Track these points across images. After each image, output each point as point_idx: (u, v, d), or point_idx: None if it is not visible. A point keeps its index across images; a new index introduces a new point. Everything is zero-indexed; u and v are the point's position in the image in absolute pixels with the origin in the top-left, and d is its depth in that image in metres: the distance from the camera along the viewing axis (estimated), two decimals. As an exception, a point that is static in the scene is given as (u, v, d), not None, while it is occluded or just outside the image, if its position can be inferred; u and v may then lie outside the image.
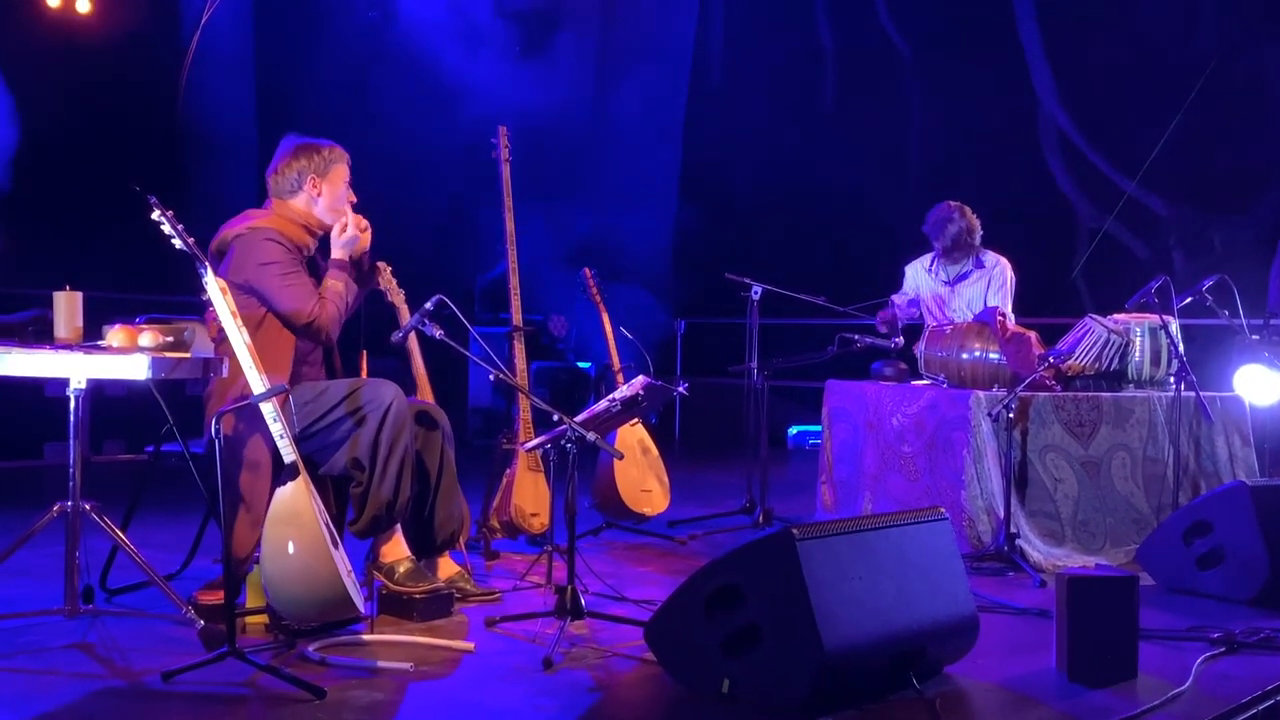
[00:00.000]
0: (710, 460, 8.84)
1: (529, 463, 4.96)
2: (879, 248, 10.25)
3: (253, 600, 3.74)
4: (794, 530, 3.03)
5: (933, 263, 5.98)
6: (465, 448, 5.83)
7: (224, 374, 3.73)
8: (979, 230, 5.86)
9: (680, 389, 4.46)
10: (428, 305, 4.00)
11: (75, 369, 3.54)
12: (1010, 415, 4.73)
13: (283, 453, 3.41)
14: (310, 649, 3.43)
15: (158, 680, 3.15)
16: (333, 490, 4.03)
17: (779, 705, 2.99)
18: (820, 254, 10.75)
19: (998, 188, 6.02)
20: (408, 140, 9.89)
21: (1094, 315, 5.40)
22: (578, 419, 3.80)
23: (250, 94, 10.13)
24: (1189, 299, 5.37)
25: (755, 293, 5.96)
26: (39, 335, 3.79)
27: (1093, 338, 5.28)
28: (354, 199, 4.13)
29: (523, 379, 4.99)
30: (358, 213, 4.13)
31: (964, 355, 5.25)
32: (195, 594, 3.82)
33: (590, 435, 3.71)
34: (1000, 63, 11.10)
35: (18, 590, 4.07)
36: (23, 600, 3.92)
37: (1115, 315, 5.43)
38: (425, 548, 4.13)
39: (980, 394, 5.00)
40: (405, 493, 3.86)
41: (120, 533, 3.73)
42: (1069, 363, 5.26)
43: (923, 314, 5.97)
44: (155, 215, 3.40)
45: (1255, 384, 5.63)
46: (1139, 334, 5.36)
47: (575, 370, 10.24)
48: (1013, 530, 4.74)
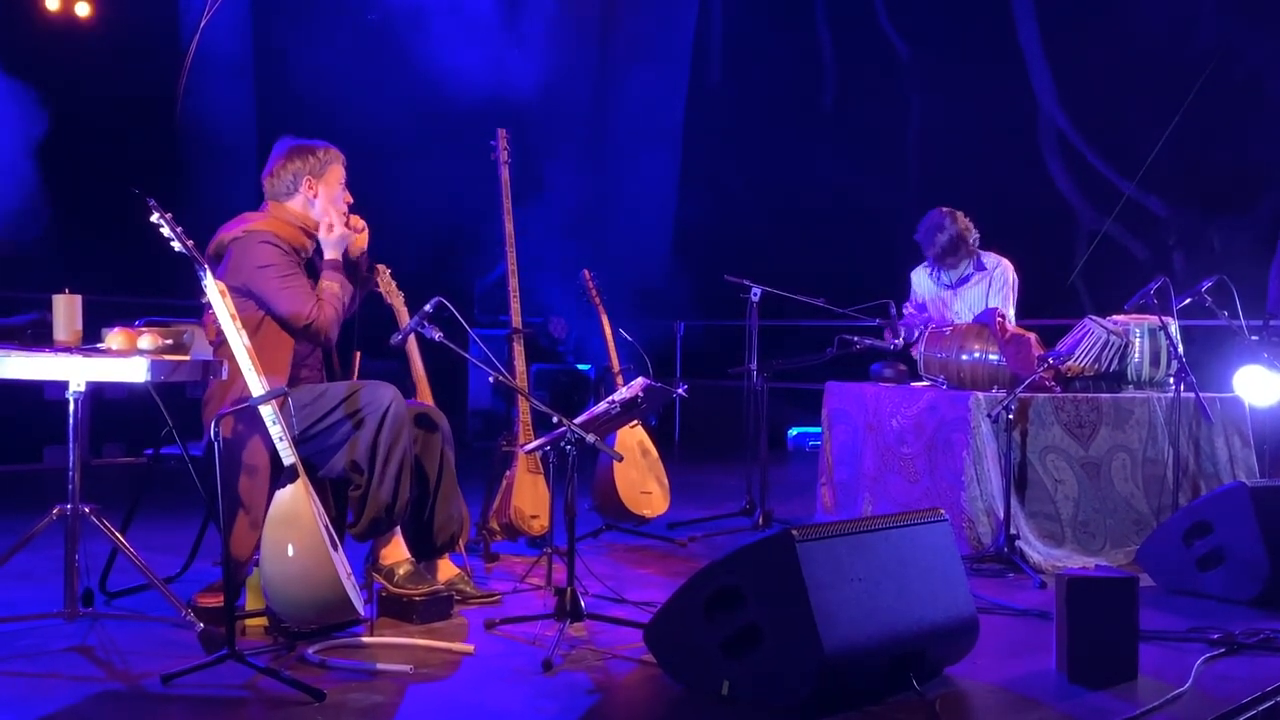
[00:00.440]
0: (710, 462, 8.84)
1: (529, 465, 4.96)
2: (878, 249, 10.26)
3: (252, 603, 3.74)
4: (794, 532, 3.03)
5: (932, 268, 5.97)
6: (465, 450, 5.83)
7: (223, 376, 3.73)
8: (973, 233, 5.82)
9: (680, 391, 4.46)
10: (427, 307, 4.00)
11: (74, 372, 3.54)
12: (1010, 416, 4.73)
13: (282, 455, 3.41)
14: (310, 651, 3.43)
15: (157, 683, 3.15)
16: (332, 492, 4.03)
17: (779, 707, 2.99)
18: (819, 255, 10.75)
19: (997, 189, 6.01)
20: (407, 142, 9.89)
21: (1093, 316, 5.40)
22: (577, 421, 3.80)
23: (249, 97, 10.14)
24: (1188, 300, 5.37)
25: (754, 294, 5.95)
26: (38, 338, 3.78)
27: (1092, 339, 5.28)
28: (350, 200, 4.13)
29: (522, 381, 4.99)
30: (354, 213, 4.13)
31: (963, 357, 5.25)
32: (195, 597, 3.82)
33: (590, 437, 3.71)
34: (999, 64, 11.10)
35: (17, 593, 4.07)
36: (22, 603, 3.92)
37: (1115, 316, 5.43)
38: (425, 550, 4.13)
39: (980, 395, 5.00)
40: (404, 495, 3.86)
41: (120, 535, 3.73)
42: (1068, 364, 5.26)
43: (928, 317, 5.96)
44: (154, 218, 3.40)
45: (1255, 385, 5.62)
46: (1138, 335, 5.36)
47: (575, 372, 10.25)
48: (1012, 531, 4.74)
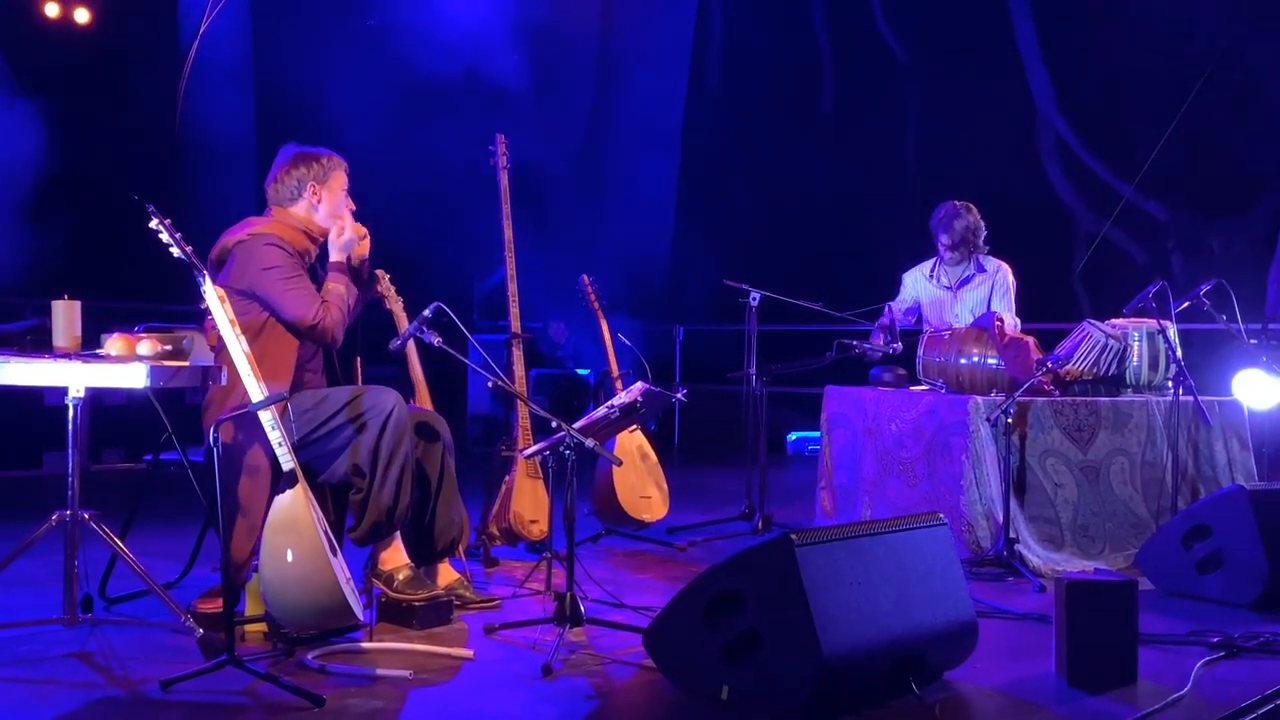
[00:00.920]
0: (709, 466, 8.84)
1: (528, 469, 4.97)
2: (877, 253, 10.27)
3: (252, 608, 3.73)
4: (793, 536, 3.03)
5: (934, 268, 5.96)
6: (464, 455, 5.82)
7: (223, 382, 3.73)
8: (984, 231, 5.84)
9: (679, 395, 4.47)
10: (426, 312, 4.00)
11: (74, 378, 3.54)
12: (1009, 420, 4.73)
13: (281, 461, 3.41)
14: (309, 657, 3.43)
15: (157, 689, 3.15)
16: (331, 497, 4.04)
17: (779, 711, 2.99)
18: (818, 260, 10.76)
19: (995, 192, 6.01)
20: (406, 148, 9.90)
21: (1092, 320, 5.40)
22: (577, 426, 3.80)
23: (249, 103, 10.15)
24: (1187, 304, 5.37)
25: (753, 299, 5.96)
26: (37, 344, 3.79)
27: (1091, 342, 5.29)
28: (353, 206, 4.15)
29: (521, 386, 4.99)
30: (356, 220, 4.15)
31: (962, 360, 5.25)
32: (194, 602, 3.82)
33: (589, 442, 3.71)
34: (997, 68, 11.12)
35: (17, 599, 4.07)
36: (22, 609, 3.92)
37: (1113, 320, 5.43)
38: (425, 555, 4.13)
39: (979, 399, 5.00)
40: (405, 500, 3.87)
41: (119, 541, 3.73)
42: (1067, 368, 5.26)
43: (922, 321, 5.95)
44: (154, 224, 3.41)
45: (1253, 388, 5.62)
46: (1137, 339, 5.36)
47: (574, 377, 10.25)
48: (1012, 535, 4.74)
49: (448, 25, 10.54)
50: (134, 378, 3.49)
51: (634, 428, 5.45)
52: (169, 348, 3.67)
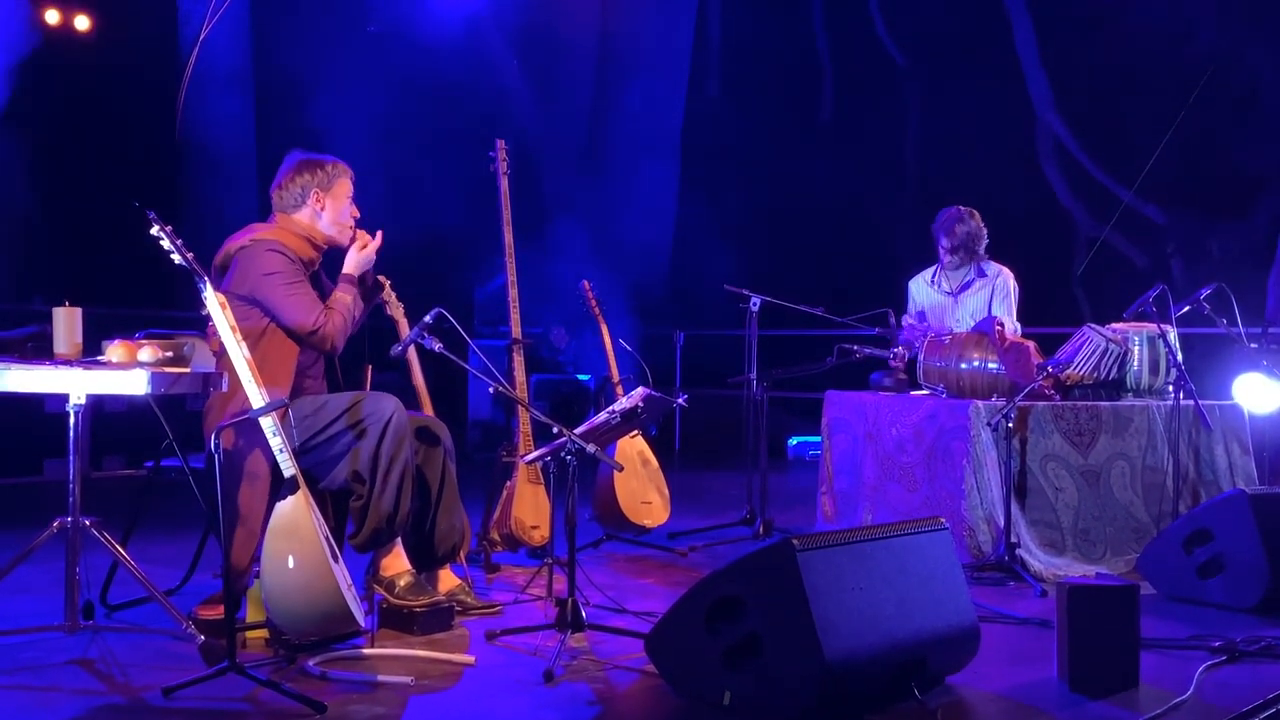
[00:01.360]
0: (710, 472, 8.83)
1: (529, 475, 4.96)
2: (877, 258, 10.27)
3: (253, 615, 3.74)
4: (794, 541, 3.03)
5: (935, 274, 5.96)
6: (465, 461, 5.83)
7: (223, 388, 3.73)
8: (985, 238, 5.84)
9: (680, 400, 4.47)
10: (427, 318, 4.01)
11: (75, 384, 3.55)
12: (1009, 425, 4.73)
13: (282, 467, 3.42)
14: (311, 663, 3.43)
15: (158, 696, 3.15)
16: (331, 504, 4.04)
17: (781, 716, 2.99)
18: (818, 265, 10.77)
19: (995, 197, 6.01)
20: (406, 153, 9.91)
21: (1092, 324, 5.41)
22: (577, 431, 3.80)
23: (249, 109, 10.15)
24: (1187, 308, 5.36)
25: (754, 304, 5.96)
26: (38, 351, 3.79)
27: (1091, 347, 5.29)
28: (356, 214, 4.15)
29: (522, 391, 4.99)
30: (360, 228, 4.16)
31: (963, 365, 5.25)
32: (195, 609, 3.82)
33: (590, 447, 3.71)
34: (996, 72, 11.13)
35: (18, 606, 4.07)
36: (23, 616, 3.92)
37: (1113, 324, 5.43)
38: (426, 561, 4.13)
39: (979, 404, 5.00)
40: (405, 506, 3.87)
41: (120, 548, 3.72)
42: (1068, 372, 5.27)
43: (928, 327, 5.94)
44: (154, 230, 3.41)
45: (1254, 392, 5.62)
46: (1137, 343, 5.36)
47: (575, 382, 10.24)
48: (1013, 540, 4.74)
49: (447, 31, 10.56)
50: (135, 384, 3.49)
51: (635, 433, 5.45)
52: (170, 354, 3.67)
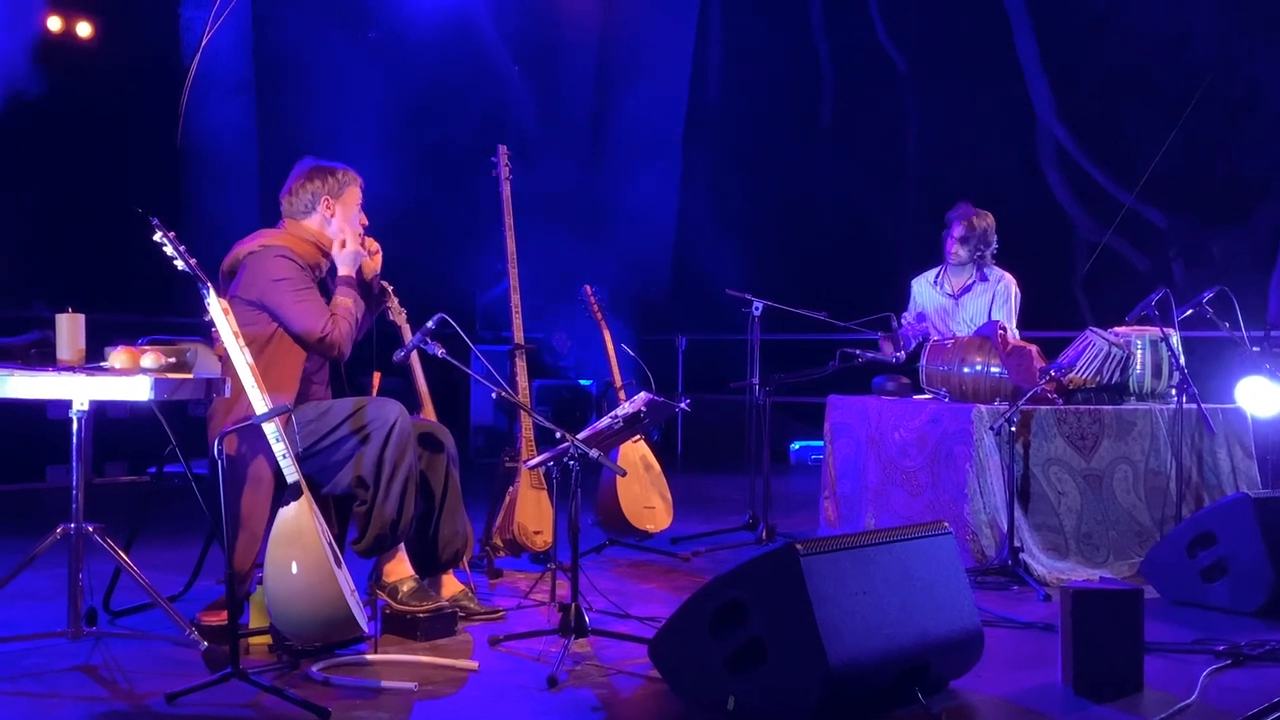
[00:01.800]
0: (713, 476, 8.83)
1: (532, 480, 4.96)
2: (878, 262, 10.28)
3: (256, 621, 3.73)
4: (797, 546, 3.03)
5: (939, 275, 5.95)
6: (468, 466, 5.83)
7: (226, 394, 3.74)
8: (995, 241, 5.82)
9: (682, 405, 4.46)
10: (429, 324, 4.01)
11: (78, 391, 3.55)
12: (1012, 429, 4.73)
13: (285, 472, 3.42)
14: (314, 669, 3.43)
15: (161, 702, 3.15)
16: (334, 509, 4.04)
17: (784, 722, 2.99)
18: (820, 269, 10.77)
19: (996, 201, 5.99)
20: (408, 159, 9.91)
21: (1094, 328, 5.40)
22: (580, 436, 3.80)
23: (251, 115, 10.17)
24: (1189, 311, 5.36)
25: (756, 309, 5.96)
26: (41, 357, 3.79)
27: (1094, 351, 5.29)
28: (365, 222, 4.16)
29: (525, 397, 4.99)
30: (369, 235, 4.17)
31: (965, 369, 5.25)
32: (198, 615, 3.82)
33: (593, 452, 3.71)
34: (997, 76, 11.14)
35: (21, 613, 4.07)
36: (26, 623, 3.92)
37: (1116, 328, 5.43)
38: (429, 566, 4.13)
39: (982, 408, 5.00)
40: (409, 511, 3.86)
41: (123, 554, 3.73)
42: (1070, 376, 5.26)
43: (929, 328, 5.94)
44: (157, 237, 3.41)
45: (1257, 396, 5.62)
46: (1140, 347, 5.36)
47: (577, 388, 10.24)
48: (1016, 544, 4.74)
49: (448, 37, 10.57)
50: (138, 390, 3.50)
51: (637, 438, 5.44)
52: (173, 360, 3.67)
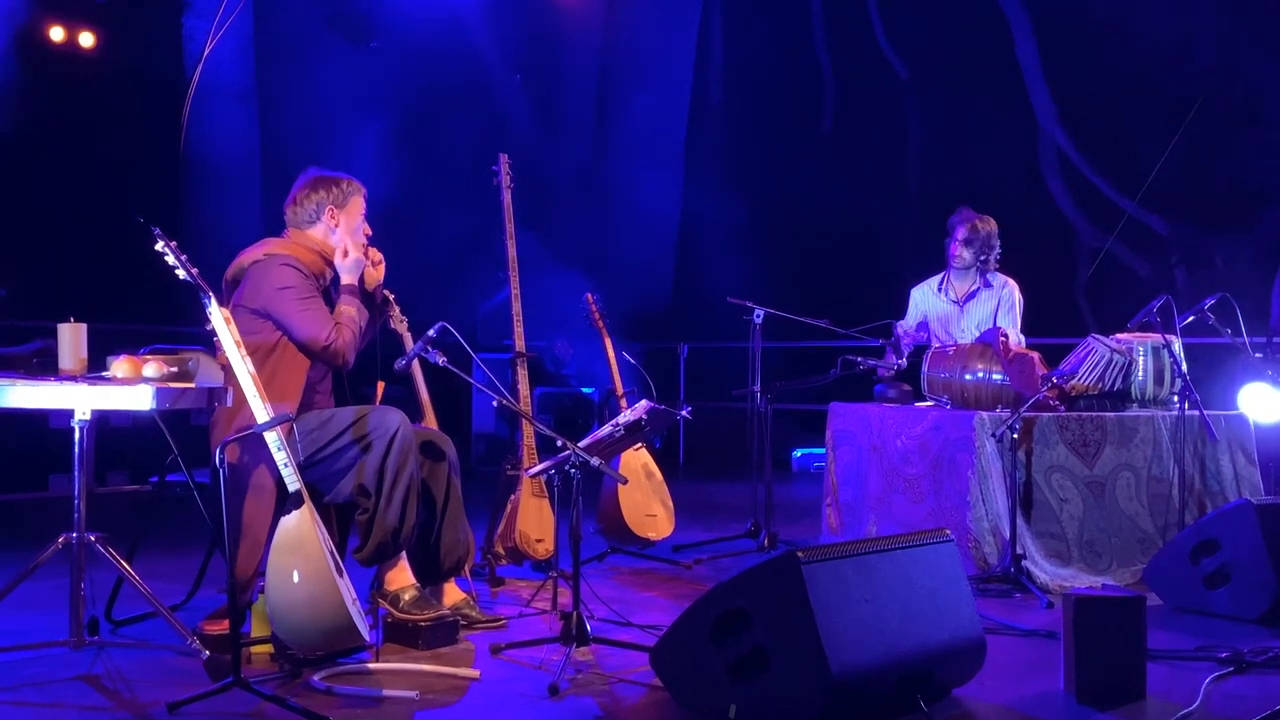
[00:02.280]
0: (715, 484, 8.83)
1: (533, 488, 4.96)
2: (880, 269, 10.27)
3: (258, 630, 3.73)
4: (799, 553, 3.03)
5: (942, 282, 5.95)
6: (469, 474, 5.83)
7: (228, 403, 3.74)
8: (998, 246, 5.83)
9: (684, 413, 4.47)
10: (431, 332, 4.02)
11: (80, 400, 3.55)
12: (1014, 436, 4.73)
13: (287, 481, 3.42)
14: (316, 678, 3.43)
15: (164, 712, 3.15)
16: (336, 518, 4.04)
17: (786, 730, 2.98)
18: (821, 277, 10.77)
19: (998, 208, 6.00)
20: (409, 168, 9.93)
21: (1097, 335, 5.40)
22: (582, 444, 3.80)
23: (253, 125, 10.18)
24: (1191, 318, 5.36)
25: (757, 316, 5.96)
26: (43, 367, 3.79)
27: (1096, 357, 5.28)
28: (369, 232, 4.17)
29: (526, 405, 4.99)
30: (372, 245, 4.17)
31: (967, 376, 5.25)
32: (200, 624, 3.82)
33: (594, 460, 3.71)
34: (998, 84, 11.14)
35: (23, 622, 4.07)
36: (28, 632, 3.92)
37: (1118, 335, 5.43)
38: (430, 575, 4.12)
39: (984, 415, 5.00)
40: (410, 520, 3.86)
41: (125, 563, 3.72)
42: (1072, 383, 5.26)
43: (930, 336, 5.94)
44: (159, 246, 3.42)
45: (1259, 402, 5.62)
46: (1142, 353, 5.36)
47: (578, 395, 10.24)
48: (1019, 551, 4.74)
49: (449, 46, 10.59)
50: (140, 400, 3.50)
51: (639, 446, 5.44)
52: (175, 369, 3.67)
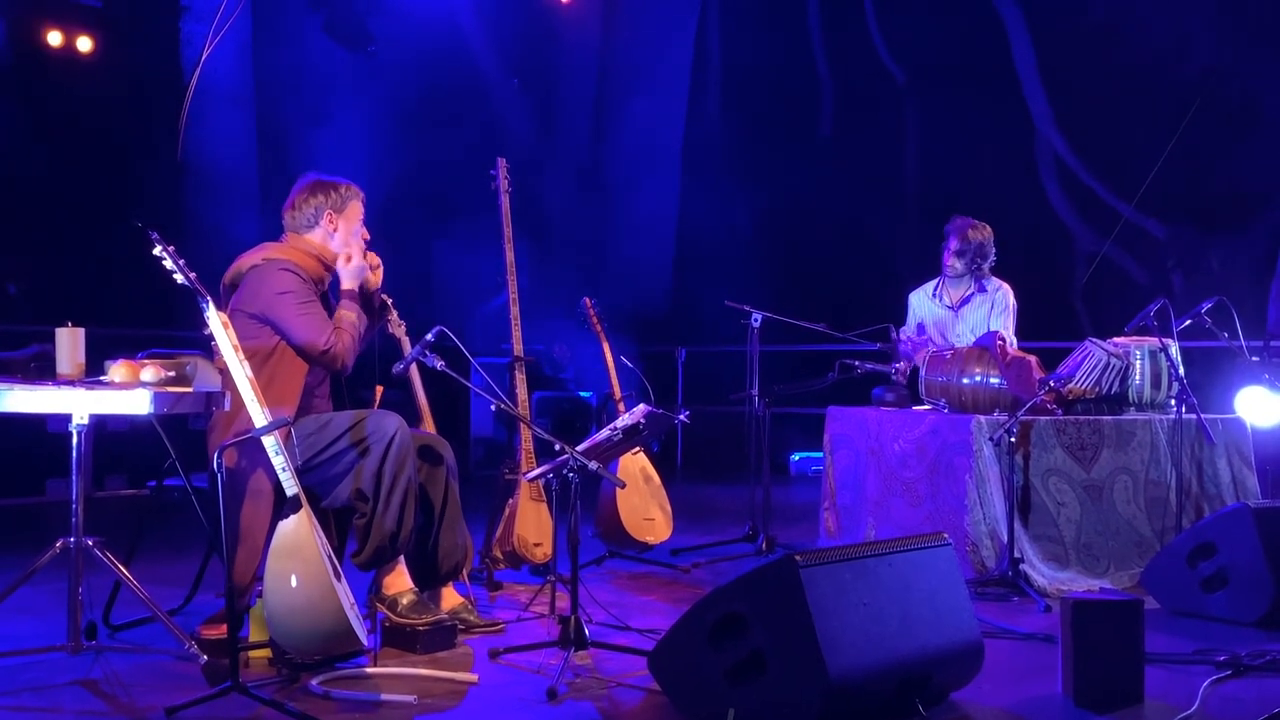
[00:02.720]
0: (713, 488, 8.83)
1: (531, 492, 4.96)
2: (877, 274, 10.27)
3: (256, 634, 3.73)
4: (797, 557, 3.03)
5: (937, 287, 5.97)
6: (467, 478, 5.83)
7: (226, 407, 3.74)
8: (993, 255, 5.84)
9: (682, 417, 4.47)
10: (429, 336, 4.02)
11: (78, 405, 3.55)
12: (1012, 439, 4.73)
13: (285, 486, 3.42)
14: (314, 683, 3.42)
15: (161, 716, 3.15)
16: (334, 522, 4.04)
17: (784, 734, 2.98)
18: (819, 281, 10.77)
19: (995, 212, 6.02)
20: (406, 172, 9.93)
21: (1094, 339, 5.41)
22: (580, 448, 3.80)
23: (251, 129, 10.19)
24: (1188, 321, 5.37)
25: (755, 320, 5.96)
26: (41, 371, 3.79)
27: (1093, 361, 5.29)
28: (367, 236, 4.17)
29: (524, 409, 4.99)
30: (370, 249, 4.18)
31: (964, 380, 5.26)
32: (198, 629, 3.82)
33: (592, 464, 3.71)
34: (995, 88, 11.14)
35: (21, 627, 4.07)
36: (26, 637, 3.92)
37: (1115, 339, 5.44)
38: (428, 579, 4.12)
39: (981, 418, 5.00)
40: (408, 524, 3.87)
41: (123, 568, 3.72)
42: (1070, 386, 5.26)
43: (928, 340, 5.94)
44: (157, 250, 3.42)
45: (1256, 406, 5.63)
46: (1139, 357, 5.36)
47: (576, 399, 10.25)
48: (1016, 555, 4.74)
49: (447, 51, 10.59)
50: (138, 404, 3.50)
51: (637, 450, 5.45)
52: (172, 374, 3.68)
